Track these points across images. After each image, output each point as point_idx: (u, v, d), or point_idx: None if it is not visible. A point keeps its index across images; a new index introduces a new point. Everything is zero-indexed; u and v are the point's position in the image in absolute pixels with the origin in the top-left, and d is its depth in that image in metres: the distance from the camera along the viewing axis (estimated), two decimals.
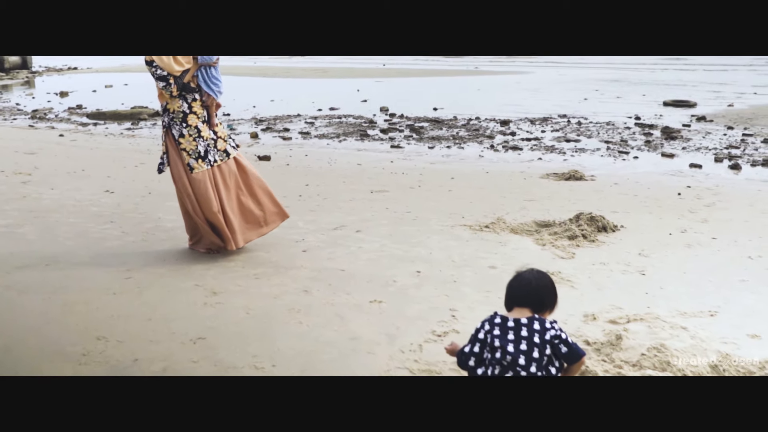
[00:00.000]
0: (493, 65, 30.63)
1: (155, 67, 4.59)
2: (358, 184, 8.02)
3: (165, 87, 4.63)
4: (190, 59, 4.70)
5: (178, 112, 4.72)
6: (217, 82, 4.83)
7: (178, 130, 4.73)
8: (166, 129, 4.78)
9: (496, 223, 6.00)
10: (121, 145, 11.97)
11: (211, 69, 4.81)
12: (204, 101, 4.80)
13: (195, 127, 4.73)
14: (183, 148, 4.74)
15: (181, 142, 4.74)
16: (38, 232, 5.50)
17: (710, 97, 17.74)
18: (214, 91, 4.80)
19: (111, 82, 23.86)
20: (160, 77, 4.61)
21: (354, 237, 5.48)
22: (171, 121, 4.75)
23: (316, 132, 13.57)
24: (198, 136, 4.74)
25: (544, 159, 10.58)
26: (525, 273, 2.90)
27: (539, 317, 2.76)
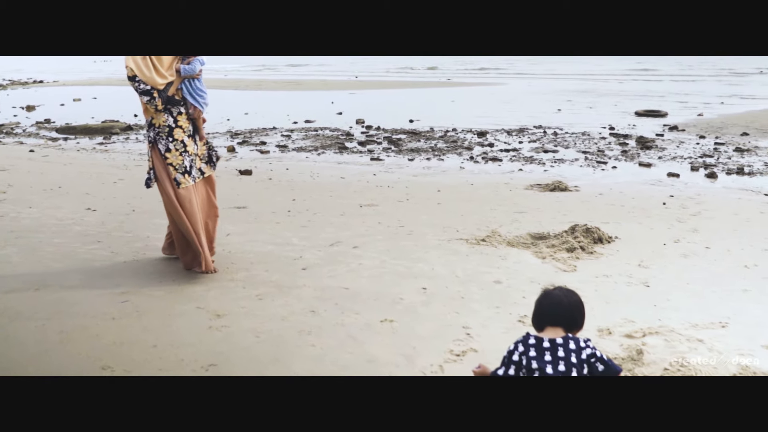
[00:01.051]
0: (465, 77, 30.80)
1: (138, 81, 4.49)
2: (346, 198, 7.89)
3: (149, 101, 4.52)
4: (173, 71, 4.60)
5: (163, 126, 4.62)
6: (202, 94, 4.75)
7: (165, 144, 4.64)
8: (152, 144, 4.67)
9: (492, 237, 5.93)
10: (95, 160, 11.65)
11: (195, 81, 4.71)
12: (190, 114, 4.72)
13: (181, 142, 4.65)
14: (170, 163, 4.64)
15: (167, 157, 4.64)
16: (22, 254, 5.25)
17: (679, 107, 18.04)
18: (200, 102, 4.72)
19: (79, 95, 23.34)
20: (143, 92, 4.51)
21: (352, 253, 5.35)
22: (157, 136, 4.65)
23: (293, 145, 13.41)
24: (184, 150, 4.66)
25: (525, 170, 10.59)
26: (555, 291, 2.81)
27: (573, 336, 2.68)
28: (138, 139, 14.73)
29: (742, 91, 21.93)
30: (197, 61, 4.76)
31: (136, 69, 4.47)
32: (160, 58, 4.54)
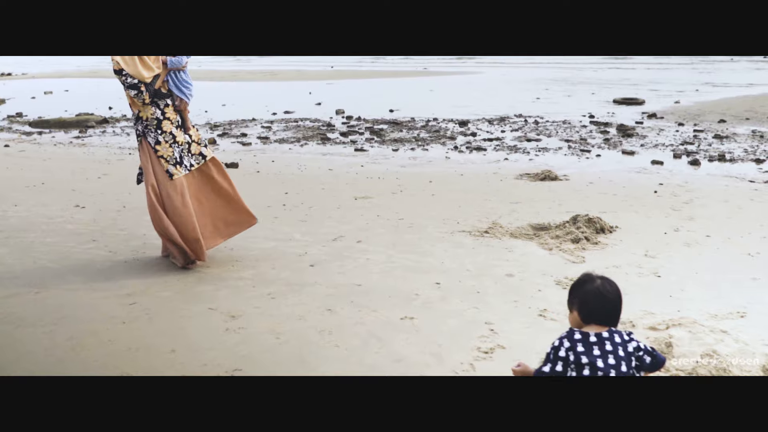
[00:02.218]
0: (442, 66, 30.70)
1: (125, 75, 4.40)
2: (339, 191, 7.74)
3: (137, 95, 4.45)
4: (160, 64, 4.52)
5: (151, 119, 4.55)
6: (188, 86, 4.68)
7: (154, 137, 4.57)
8: (141, 137, 4.61)
9: (494, 228, 5.85)
10: (74, 155, 11.31)
11: (180, 73, 4.64)
12: (177, 106, 4.65)
13: (170, 133, 4.58)
14: (161, 155, 4.58)
15: (158, 150, 4.58)
16: (16, 255, 5.02)
17: (654, 94, 18.17)
18: (186, 94, 4.66)
19: (49, 88, 22.69)
20: (131, 86, 4.43)
21: (357, 248, 5.22)
22: (145, 129, 4.58)
23: (275, 137, 13.18)
24: (173, 142, 4.59)
25: (510, 159, 10.54)
26: (602, 287, 2.71)
27: (617, 330, 2.61)
28: (115, 132, 14.37)
29: (714, 79, 22.19)
30: None
31: (122, 62, 4.38)
32: None
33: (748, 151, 10.58)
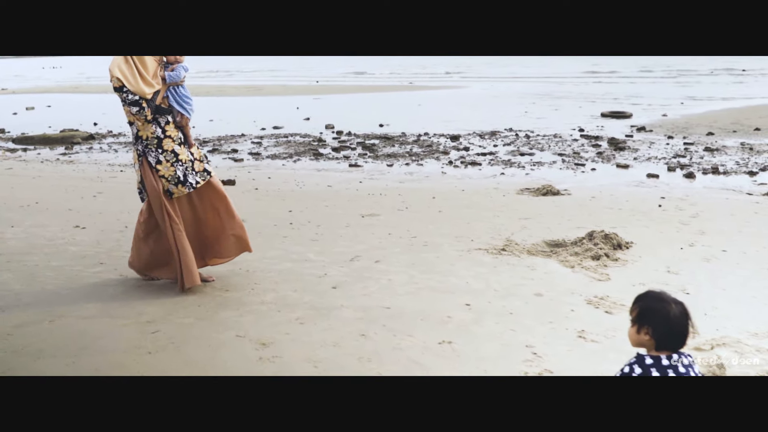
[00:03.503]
0: (427, 80, 30.74)
1: (126, 92, 4.25)
2: (343, 208, 7.58)
3: (139, 111, 4.29)
4: (159, 79, 4.39)
5: (152, 138, 4.40)
6: (188, 101, 4.53)
7: (155, 156, 4.41)
8: (141, 157, 4.44)
9: (510, 246, 5.73)
10: (64, 172, 11.01)
11: (179, 88, 4.50)
12: (178, 122, 4.50)
13: (172, 152, 4.43)
14: (162, 175, 4.42)
15: (158, 169, 4.41)
16: (22, 281, 4.77)
17: (640, 108, 18.29)
18: (187, 109, 4.51)
19: (30, 103, 22.26)
20: (132, 102, 4.27)
21: (377, 269, 5.06)
22: (145, 149, 4.42)
23: (266, 152, 13.01)
24: (176, 160, 4.43)
25: (507, 174, 10.48)
26: (679, 312, 2.58)
27: (683, 352, 2.48)
28: (102, 149, 14.08)
29: (696, 92, 22.47)
30: (181, 68, 4.51)
31: (123, 79, 4.23)
32: (144, 65, 4.31)
33: (740, 164, 10.63)
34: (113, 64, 4.27)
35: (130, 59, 4.29)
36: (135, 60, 4.29)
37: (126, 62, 4.29)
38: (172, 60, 4.50)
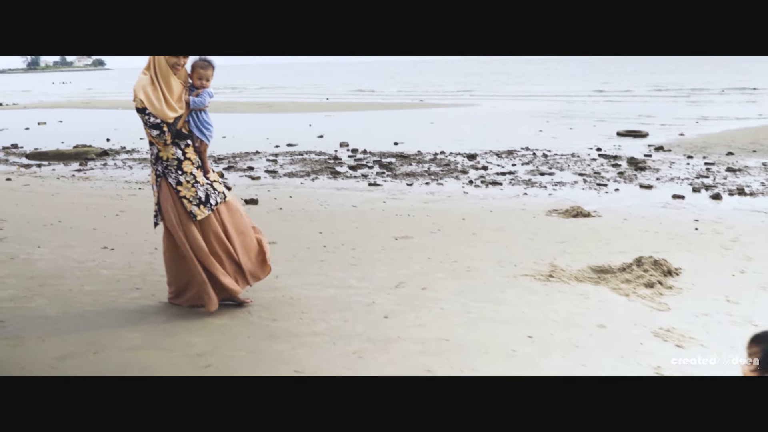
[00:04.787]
0: (438, 98, 30.65)
1: (148, 114, 4.10)
2: (373, 230, 7.36)
3: (159, 135, 4.15)
4: (183, 104, 4.23)
5: (172, 159, 4.24)
6: (209, 127, 4.38)
7: (175, 178, 4.26)
8: (161, 178, 4.29)
9: (556, 271, 5.50)
10: (82, 189, 10.80)
11: (202, 113, 4.34)
12: (197, 147, 4.35)
13: (191, 174, 4.28)
14: (183, 196, 4.26)
15: (179, 190, 4.26)
16: (58, 307, 4.53)
17: (655, 127, 18.10)
18: (206, 136, 4.36)
19: (42, 118, 22.12)
20: (153, 125, 4.13)
21: (425, 296, 4.82)
22: (165, 170, 4.27)
23: (282, 170, 12.81)
24: (195, 182, 4.28)
25: (530, 194, 10.28)
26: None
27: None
28: (116, 165, 13.89)
29: (709, 112, 22.33)
30: (206, 93, 4.34)
31: (146, 101, 4.08)
32: (170, 88, 4.16)
33: (765, 185, 10.44)
34: (138, 85, 4.14)
35: (156, 81, 4.13)
36: (161, 82, 4.14)
37: (152, 84, 4.14)
38: (198, 85, 4.33)
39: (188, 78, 4.34)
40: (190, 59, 4.33)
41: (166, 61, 4.13)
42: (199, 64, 4.33)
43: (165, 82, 4.15)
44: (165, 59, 4.13)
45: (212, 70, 4.38)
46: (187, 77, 4.33)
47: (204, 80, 4.34)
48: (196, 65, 4.33)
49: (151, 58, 4.17)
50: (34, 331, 4.06)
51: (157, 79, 4.13)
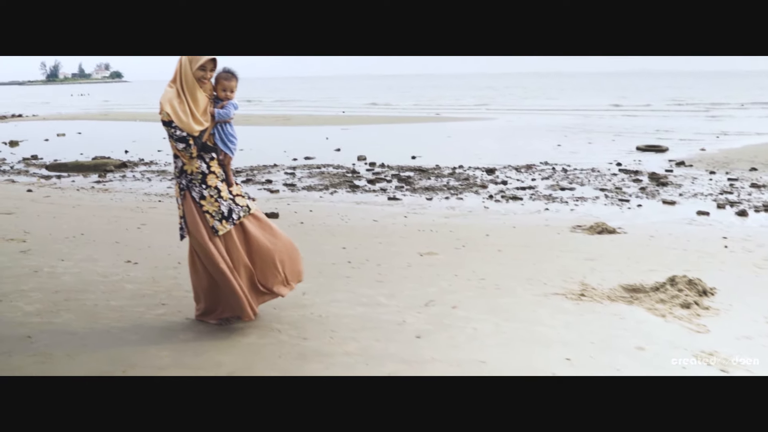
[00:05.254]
0: (454, 111, 30.60)
1: (174, 128, 4.05)
2: (397, 245, 7.25)
3: (185, 148, 4.09)
4: (208, 117, 4.17)
5: (196, 173, 4.18)
6: (233, 140, 4.30)
7: (198, 192, 4.19)
8: (184, 191, 4.22)
9: (587, 290, 5.37)
10: (102, 201, 10.79)
11: (226, 126, 4.27)
12: (221, 160, 4.27)
13: (215, 188, 4.21)
14: (206, 211, 4.18)
15: (203, 204, 4.18)
16: (84, 322, 4.45)
17: (675, 142, 17.91)
18: (231, 149, 4.29)
19: (61, 130, 22.25)
20: (179, 138, 4.07)
21: (456, 315, 4.70)
22: (189, 183, 4.20)
23: (301, 183, 12.75)
24: (219, 196, 4.20)
25: (551, 209, 10.14)
26: None
27: None
28: (135, 177, 13.90)
29: (728, 126, 22.10)
30: (231, 105, 4.27)
31: (173, 114, 4.03)
32: (196, 101, 4.11)
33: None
34: (164, 98, 4.09)
35: (182, 94, 4.09)
36: (187, 95, 4.09)
37: (178, 97, 4.09)
38: (222, 96, 4.27)
39: (213, 90, 4.28)
40: None
41: (193, 75, 4.08)
42: (223, 76, 4.27)
43: (191, 95, 4.10)
44: (192, 72, 4.07)
45: (236, 82, 4.32)
46: (212, 89, 4.27)
47: (228, 92, 4.28)
48: (220, 77, 4.27)
49: (177, 71, 4.13)
50: (61, 347, 3.98)
51: (184, 92, 4.09)
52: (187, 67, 4.09)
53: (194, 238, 4.24)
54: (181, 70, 4.11)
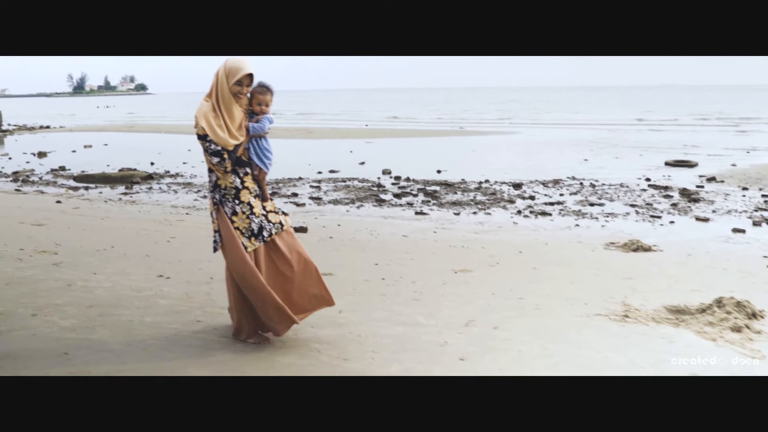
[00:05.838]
0: (477, 125, 30.49)
1: (209, 142, 3.99)
2: (430, 262, 7.12)
3: (219, 163, 4.04)
4: (243, 131, 4.10)
5: (230, 188, 4.11)
6: (268, 155, 4.24)
7: (231, 207, 4.12)
8: (218, 206, 4.16)
9: (630, 311, 5.20)
10: (130, 213, 10.78)
11: (261, 140, 4.20)
12: (255, 175, 4.20)
13: (248, 204, 4.13)
14: (236, 227, 4.11)
15: (234, 221, 4.12)
16: (120, 338, 4.37)
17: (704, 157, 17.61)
18: (266, 164, 4.21)
19: (88, 141, 22.46)
20: (214, 153, 4.02)
21: (499, 336, 4.55)
22: (223, 198, 4.13)
23: (327, 197, 12.68)
24: (251, 212, 4.13)
25: (582, 225, 9.96)
26: None
27: None
28: (162, 189, 13.93)
29: (757, 142, 21.74)
30: (266, 119, 4.20)
31: (208, 129, 3.97)
32: (232, 116, 4.04)
33: None
34: (200, 112, 4.03)
35: (217, 108, 4.03)
36: (223, 110, 4.03)
37: (213, 111, 4.03)
38: (257, 111, 4.20)
39: (248, 104, 4.23)
40: None
41: (229, 89, 4.03)
42: (258, 90, 4.22)
43: (227, 109, 4.04)
44: (228, 87, 4.03)
45: (271, 95, 4.27)
46: (247, 104, 4.22)
47: (263, 106, 4.22)
48: (255, 91, 4.22)
49: (213, 86, 4.08)
50: (99, 366, 3.89)
51: (219, 106, 4.03)
52: (223, 81, 4.04)
53: (228, 254, 4.16)
54: (217, 84, 4.06)
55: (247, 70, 4.04)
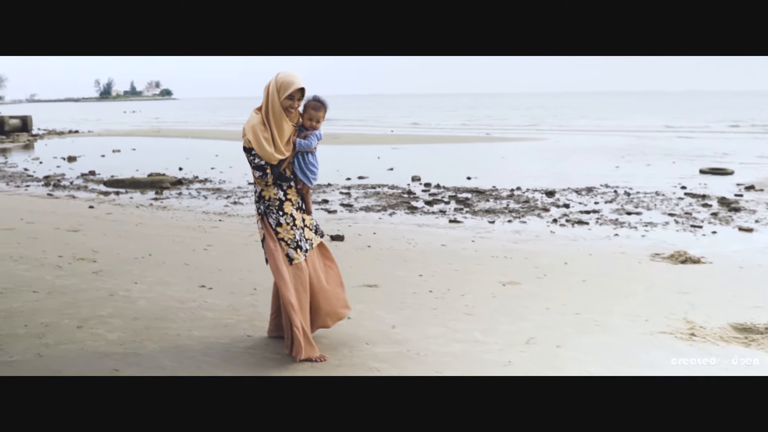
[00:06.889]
0: (503, 131, 30.19)
1: (254, 155, 3.92)
2: (474, 273, 6.88)
3: (261, 177, 3.98)
4: (290, 146, 3.99)
5: (274, 199, 4.05)
6: (314, 170, 4.14)
7: (275, 218, 4.05)
8: (262, 217, 4.10)
9: (695, 329, 4.93)
10: (163, 219, 10.66)
11: (308, 156, 4.09)
12: (299, 189, 4.13)
13: (290, 215, 4.07)
14: (281, 238, 4.05)
15: (279, 231, 4.05)
16: (171, 355, 4.17)
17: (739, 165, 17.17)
18: (310, 178, 4.13)
19: (116, 146, 22.50)
20: (257, 166, 3.96)
21: (563, 356, 4.29)
22: (267, 209, 4.07)
23: (357, 204, 12.47)
24: (294, 224, 4.07)
25: (621, 235, 9.65)
26: None
27: None
28: (191, 195, 13.82)
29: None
30: (314, 136, 4.08)
31: (254, 142, 3.89)
32: (281, 130, 3.93)
33: None
34: (248, 125, 3.93)
35: (267, 122, 3.92)
36: (273, 124, 3.92)
37: (262, 124, 3.93)
38: (308, 126, 4.04)
39: (300, 118, 4.08)
40: None
41: (281, 104, 3.89)
42: (312, 105, 4.09)
43: (277, 124, 3.93)
44: (279, 101, 3.89)
45: (324, 112, 4.14)
46: (298, 118, 4.06)
47: (315, 121, 4.10)
48: (309, 105, 4.10)
49: (264, 99, 3.98)
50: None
51: (269, 121, 3.93)
52: (275, 95, 3.92)
53: (272, 264, 4.10)
54: (268, 98, 3.95)
55: (298, 84, 3.92)
